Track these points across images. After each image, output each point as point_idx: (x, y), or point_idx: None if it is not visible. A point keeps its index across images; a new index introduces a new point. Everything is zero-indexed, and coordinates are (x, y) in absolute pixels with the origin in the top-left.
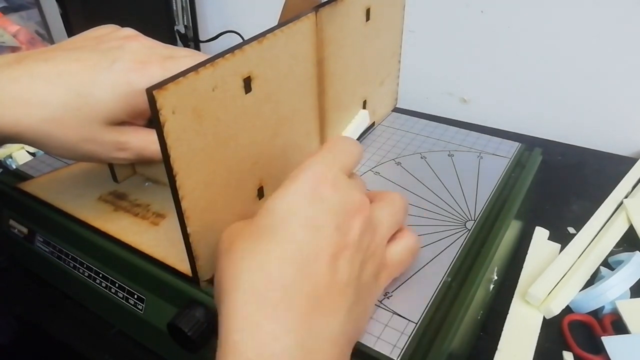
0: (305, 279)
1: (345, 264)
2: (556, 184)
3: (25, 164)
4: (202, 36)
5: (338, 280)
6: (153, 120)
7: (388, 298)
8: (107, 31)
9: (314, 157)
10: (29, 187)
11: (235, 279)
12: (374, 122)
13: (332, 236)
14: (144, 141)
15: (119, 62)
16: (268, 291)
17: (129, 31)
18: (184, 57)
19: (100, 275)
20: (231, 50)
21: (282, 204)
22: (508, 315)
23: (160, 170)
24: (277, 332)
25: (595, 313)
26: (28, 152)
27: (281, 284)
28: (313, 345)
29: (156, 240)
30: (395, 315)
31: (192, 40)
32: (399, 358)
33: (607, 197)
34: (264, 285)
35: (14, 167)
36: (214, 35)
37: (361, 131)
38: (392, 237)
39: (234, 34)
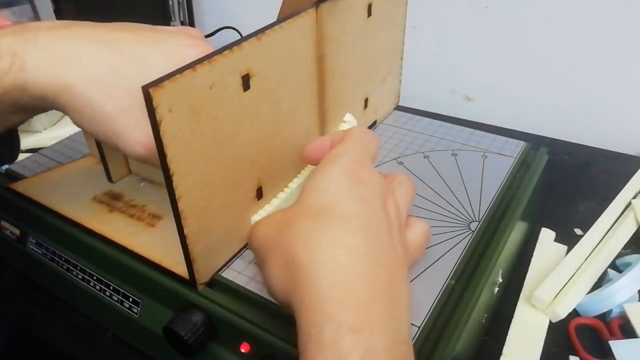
0: (377, 250)
1: (397, 240)
2: (563, 184)
3: (17, 163)
4: None
5: (398, 254)
6: (149, 118)
7: None
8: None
9: (345, 146)
10: (21, 187)
11: (311, 254)
12: (375, 121)
13: (382, 214)
14: None
15: (174, 39)
16: (351, 260)
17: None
18: None
19: (95, 277)
20: (229, 47)
21: (330, 183)
22: (513, 319)
23: (157, 170)
24: (369, 298)
25: (603, 316)
26: (22, 151)
27: (361, 252)
28: (399, 314)
29: (152, 242)
30: None
31: None
32: None
33: (615, 198)
34: (345, 255)
35: (6, 166)
36: (211, 32)
37: None
38: (406, 224)
39: (231, 30)
